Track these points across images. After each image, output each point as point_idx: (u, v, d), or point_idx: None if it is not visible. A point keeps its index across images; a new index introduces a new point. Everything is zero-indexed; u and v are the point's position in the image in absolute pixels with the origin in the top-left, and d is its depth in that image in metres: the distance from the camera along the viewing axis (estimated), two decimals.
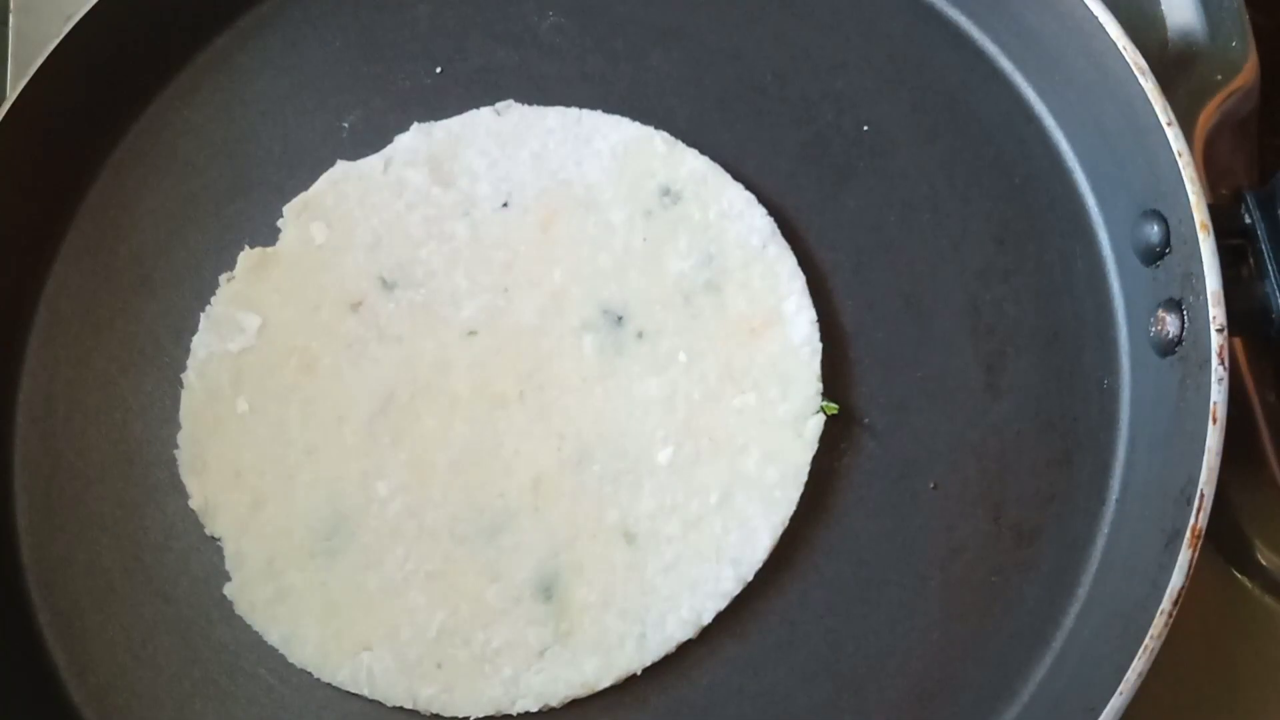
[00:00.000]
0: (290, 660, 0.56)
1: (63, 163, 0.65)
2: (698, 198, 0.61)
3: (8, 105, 0.61)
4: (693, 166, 0.61)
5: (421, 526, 0.57)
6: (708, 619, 0.55)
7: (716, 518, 0.56)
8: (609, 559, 0.55)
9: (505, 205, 0.62)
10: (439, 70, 0.66)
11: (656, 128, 0.62)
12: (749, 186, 0.61)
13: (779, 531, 0.55)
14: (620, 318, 0.59)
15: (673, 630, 0.54)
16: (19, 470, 0.62)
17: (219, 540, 0.58)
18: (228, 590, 0.57)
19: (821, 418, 0.57)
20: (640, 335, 0.59)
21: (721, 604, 0.55)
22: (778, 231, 0.60)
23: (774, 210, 0.60)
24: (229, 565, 0.57)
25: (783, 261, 0.59)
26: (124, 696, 0.57)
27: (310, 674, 0.55)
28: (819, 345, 0.58)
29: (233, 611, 0.57)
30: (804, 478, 0.56)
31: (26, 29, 0.74)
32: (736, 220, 0.60)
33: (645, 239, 0.60)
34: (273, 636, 0.56)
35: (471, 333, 0.59)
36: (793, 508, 0.56)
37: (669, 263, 0.60)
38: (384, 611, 0.55)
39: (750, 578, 0.55)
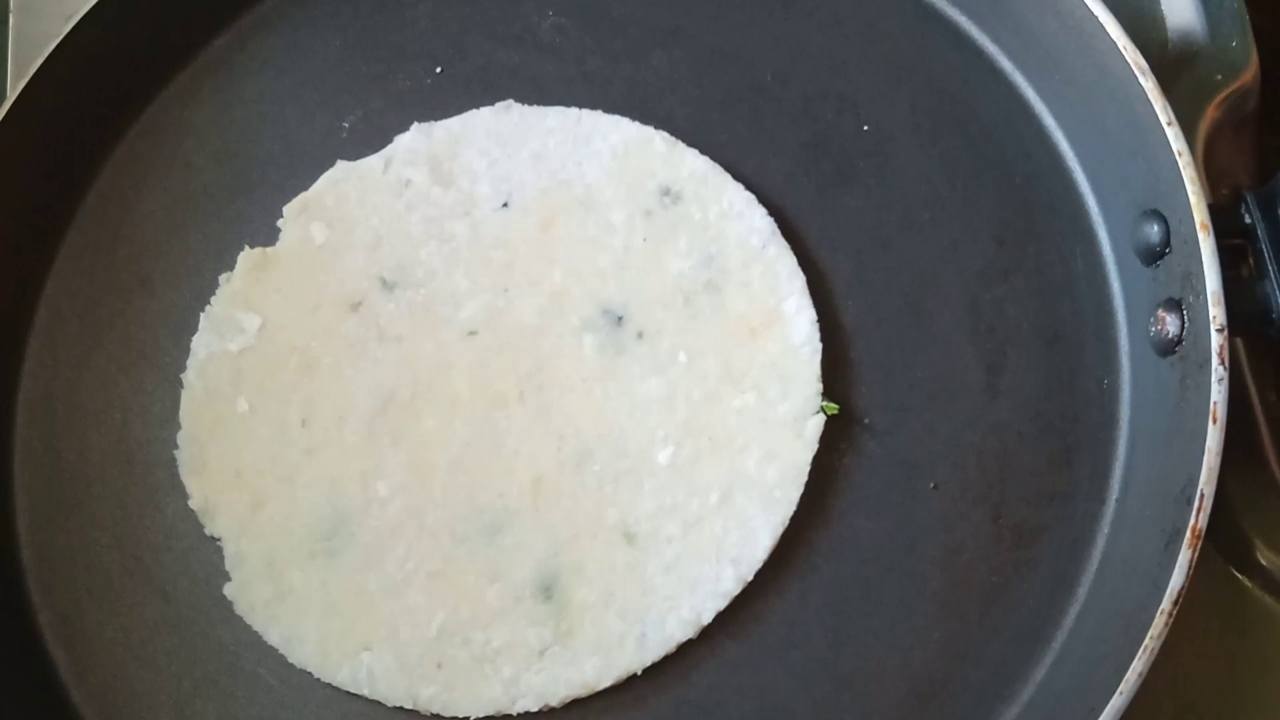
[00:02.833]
0: (290, 660, 0.56)
1: (63, 163, 0.65)
2: (698, 198, 0.61)
3: (8, 105, 0.61)
4: (693, 166, 0.61)
5: (421, 526, 0.57)
6: (708, 619, 0.55)
7: (716, 518, 0.56)
8: (609, 559, 0.55)
9: (505, 205, 0.62)
10: (439, 70, 0.66)
11: (656, 128, 0.62)
12: (749, 186, 0.61)
13: (779, 531, 0.55)
14: (620, 318, 0.59)
15: (673, 630, 0.54)
16: (19, 470, 0.62)
17: (219, 540, 0.58)
18: (228, 590, 0.57)
19: (822, 418, 0.57)
20: (640, 335, 0.59)
21: (721, 604, 0.55)
22: (778, 231, 0.60)
23: (774, 210, 0.60)
24: (229, 565, 0.57)
25: (783, 261, 0.59)
26: (124, 696, 0.57)
27: (310, 674, 0.55)
28: (819, 345, 0.58)
29: (233, 611, 0.57)
30: (804, 478, 0.56)
31: (26, 29, 0.74)
32: (736, 220, 0.60)
33: (645, 239, 0.60)
34: (273, 636, 0.56)
35: (472, 333, 0.59)
36: (793, 508, 0.56)
37: (669, 263, 0.60)
38: (384, 611, 0.55)
39: (750, 577, 0.55)
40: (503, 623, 0.55)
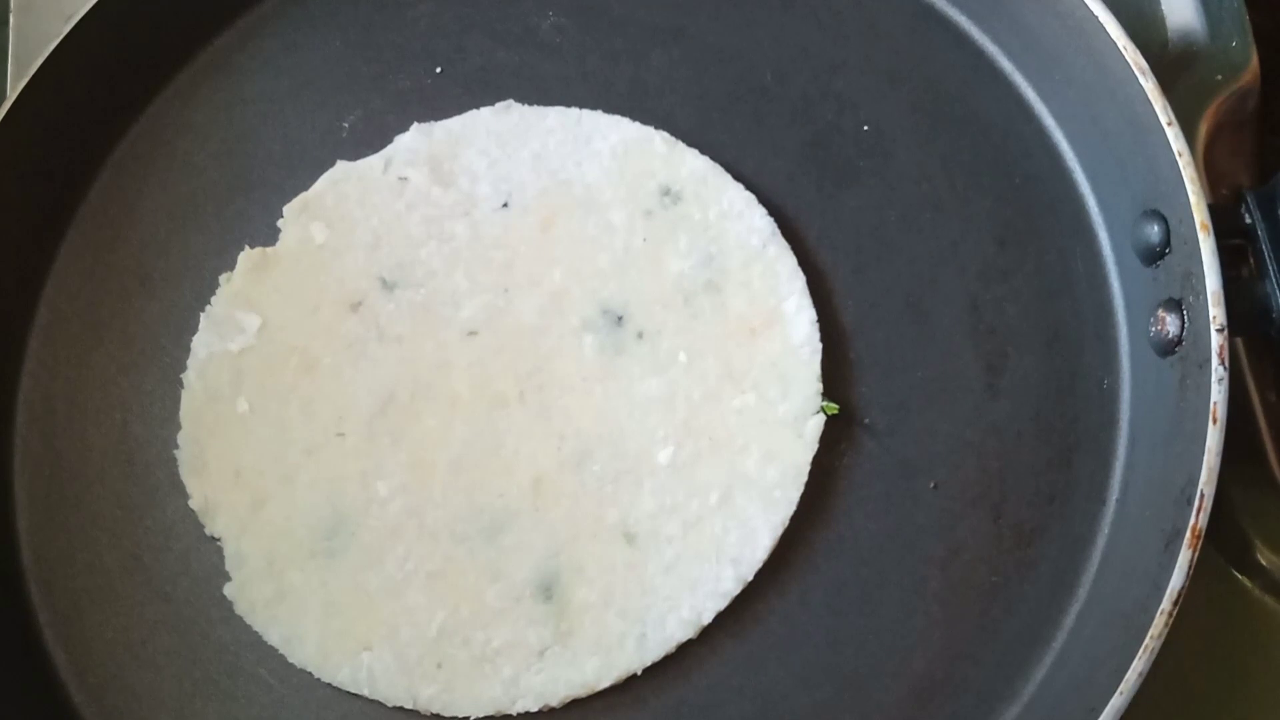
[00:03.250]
0: (290, 660, 0.55)
1: (63, 163, 0.65)
2: (698, 198, 0.60)
3: (8, 105, 0.61)
4: (693, 166, 0.61)
5: (422, 526, 0.57)
6: (708, 619, 0.55)
7: (716, 518, 0.56)
8: (609, 559, 0.55)
9: (505, 205, 0.61)
10: (439, 70, 0.66)
11: (657, 128, 0.62)
12: (749, 186, 0.61)
13: (779, 531, 0.55)
14: (620, 318, 0.59)
15: (673, 630, 0.54)
16: (19, 470, 0.62)
17: (219, 540, 0.58)
18: (228, 590, 0.57)
19: (822, 418, 0.57)
20: (640, 335, 0.59)
21: (722, 604, 0.55)
22: (778, 231, 0.60)
23: (774, 210, 0.60)
24: (229, 565, 0.57)
25: (782, 261, 0.59)
26: (124, 696, 0.57)
27: (310, 674, 0.55)
28: (819, 345, 0.58)
29: (233, 611, 0.57)
30: (804, 478, 0.56)
31: (27, 29, 0.74)
32: (736, 220, 0.60)
33: (645, 239, 0.60)
34: (272, 636, 0.56)
35: (471, 333, 0.59)
36: (793, 508, 0.56)
37: (669, 263, 0.60)
38: (384, 611, 0.55)
39: (750, 578, 0.55)
40: (503, 623, 0.55)
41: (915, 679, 0.54)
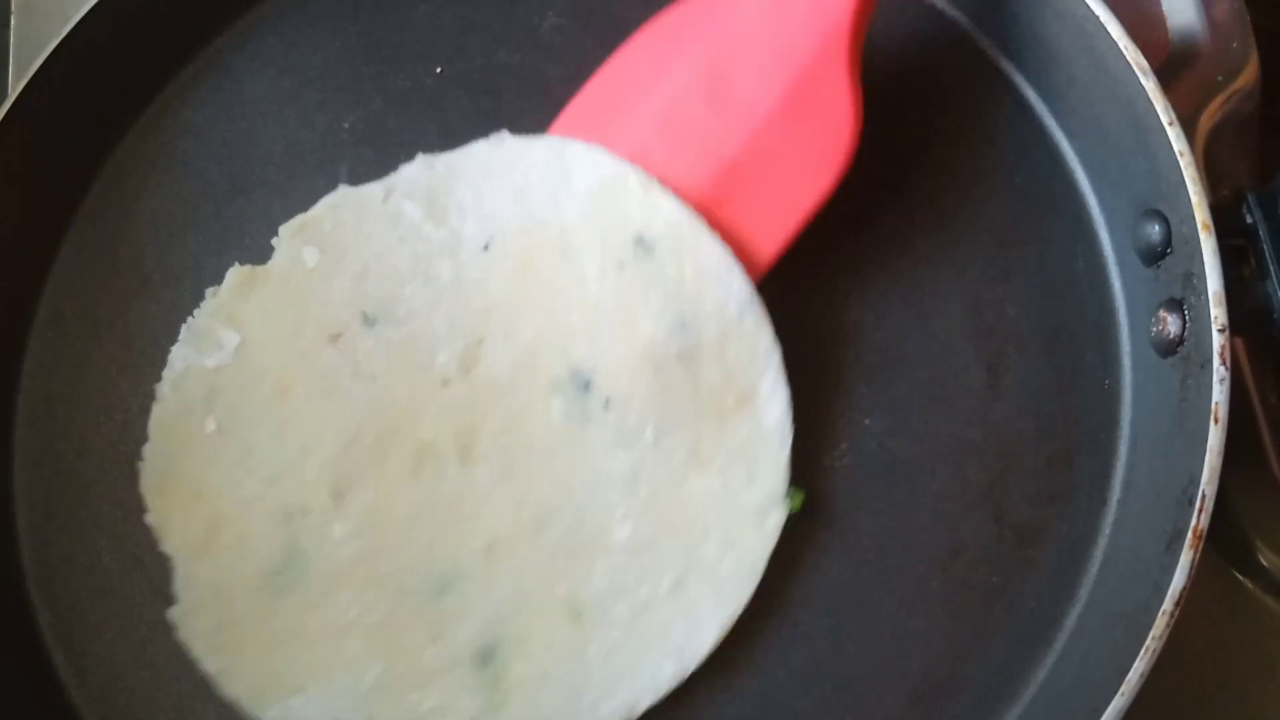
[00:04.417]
0: (220, 693, 0.54)
1: (63, 163, 0.65)
2: (673, 252, 0.57)
3: (8, 105, 0.61)
4: (667, 213, 0.57)
5: (370, 574, 0.54)
6: (641, 710, 0.53)
7: (666, 605, 0.53)
8: (552, 635, 0.53)
9: (486, 248, 0.58)
10: (439, 70, 0.66)
11: None
12: None
13: (727, 626, 0.53)
14: (588, 382, 0.56)
15: (605, 716, 0.52)
16: (19, 470, 0.61)
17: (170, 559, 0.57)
18: (171, 614, 0.56)
19: (784, 513, 0.54)
20: (607, 404, 0.55)
21: (658, 696, 0.53)
22: (756, 297, 0.56)
23: None
24: (177, 587, 0.56)
25: (760, 335, 0.56)
26: (124, 697, 0.57)
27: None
28: (790, 430, 0.55)
29: None
30: (759, 573, 0.54)
31: (27, 30, 0.74)
32: (713, 283, 0.56)
33: (617, 295, 0.57)
34: (209, 666, 0.54)
35: (444, 382, 0.57)
36: (744, 603, 0.53)
37: (640, 324, 0.56)
38: (322, 656, 0.53)
39: (690, 671, 0.53)
40: (436, 685, 0.53)
41: (916, 680, 0.54)
